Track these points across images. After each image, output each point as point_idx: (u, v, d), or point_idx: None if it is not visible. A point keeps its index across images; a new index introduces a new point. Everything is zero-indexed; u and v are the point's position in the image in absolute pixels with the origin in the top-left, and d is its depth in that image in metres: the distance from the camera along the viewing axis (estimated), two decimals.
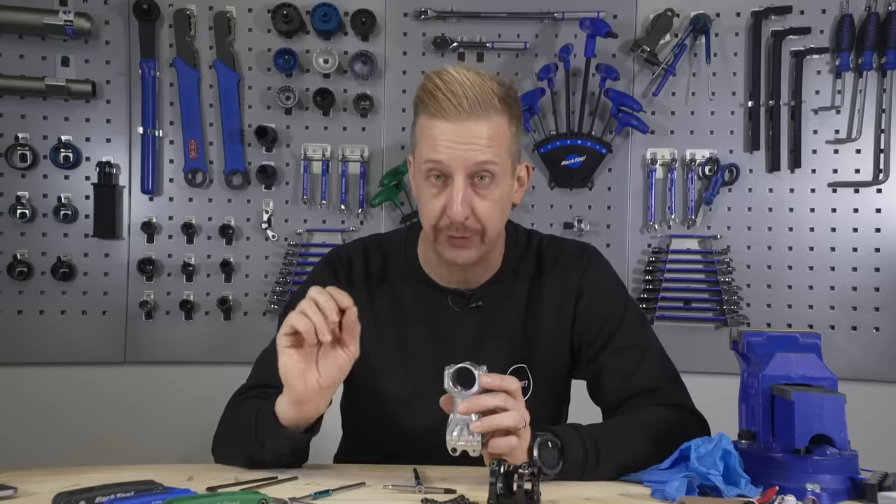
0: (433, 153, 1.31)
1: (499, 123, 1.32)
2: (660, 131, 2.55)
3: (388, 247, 1.53)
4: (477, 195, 1.33)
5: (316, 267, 1.57)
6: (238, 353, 2.47)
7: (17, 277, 2.50)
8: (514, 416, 1.15)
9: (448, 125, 1.29)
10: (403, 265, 1.50)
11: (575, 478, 1.23)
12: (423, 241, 1.49)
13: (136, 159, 2.55)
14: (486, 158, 1.30)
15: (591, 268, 1.52)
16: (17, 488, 1.12)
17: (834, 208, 2.51)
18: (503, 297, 1.49)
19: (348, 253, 1.53)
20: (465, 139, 1.29)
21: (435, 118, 1.30)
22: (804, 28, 2.50)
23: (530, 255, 1.53)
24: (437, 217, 1.34)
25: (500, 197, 1.35)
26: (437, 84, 1.30)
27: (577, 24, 2.51)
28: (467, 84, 1.29)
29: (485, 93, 1.30)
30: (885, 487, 1.10)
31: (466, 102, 1.28)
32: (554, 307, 1.49)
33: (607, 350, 1.46)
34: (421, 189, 1.37)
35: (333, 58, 2.54)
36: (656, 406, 1.38)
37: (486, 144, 1.30)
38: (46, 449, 2.44)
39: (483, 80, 1.31)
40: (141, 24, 2.53)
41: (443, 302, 1.47)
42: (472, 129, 1.29)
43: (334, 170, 2.58)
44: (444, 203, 1.32)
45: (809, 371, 1.19)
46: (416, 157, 1.37)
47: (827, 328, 2.47)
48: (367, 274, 1.50)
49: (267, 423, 1.25)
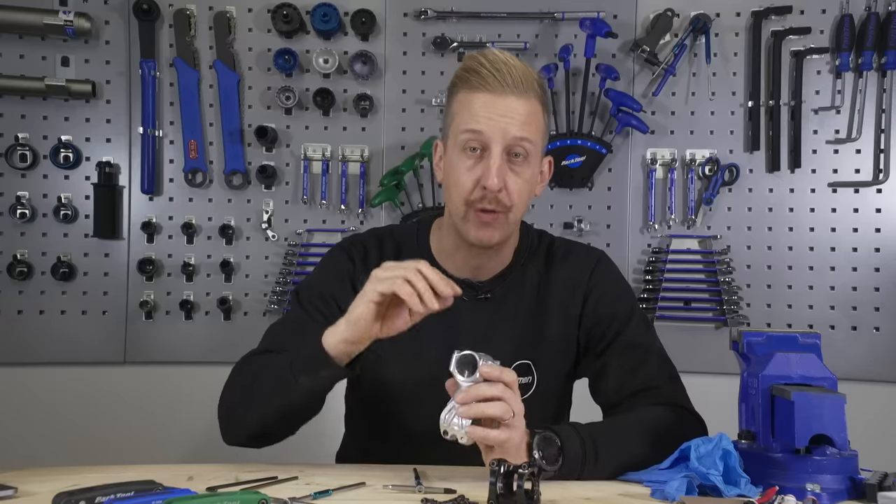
0: (473, 123, 1.34)
1: (536, 107, 1.37)
2: (660, 131, 2.55)
3: (400, 237, 1.55)
4: (511, 171, 1.36)
5: (331, 252, 1.57)
6: (238, 353, 2.44)
7: (17, 277, 2.50)
8: (501, 406, 1.16)
9: (491, 97, 1.33)
10: (415, 253, 1.50)
11: (574, 476, 1.23)
12: (438, 230, 1.51)
13: (136, 159, 2.55)
14: (523, 134, 1.34)
15: (600, 269, 1.54)
16: (17, 488, 1.12)
17: (834, 208, 2.51)
18: (512, 290, 1.50)
19: (363, 240, 1.55)
20: (506, 112, 1.33)
21: (477, 91, 1.34)
22: (804, 28, 2.50)
23: (541, 252, 1.54)
24: (470, 189, 1.36)
25: (530, 178, 1.39)
26: (481, 62, 1.35)
27: (577, 24, 2.51)
28: (511, 63, 1.35)
29: (528, 75, 1.36)
30: (885, 487, 1.10)
31: (510, 79, 1.33)
32: (561, 306, 1.50)
33: (612, 348, 1.47)
34: (455, 163, 1.38)
35: (333, 58, 2.54)
36: (654, 405, 1.39)
37: (524, 121, 1.34)
38: (46, 449, 2.44)
39: (525, 66, 1.37)
40: (141, 24, 2.53)
41: None
42: (512, 105, 1.34)
43: (334, 170, 2.58)
44: (478, 175, 1.35)
45: (809, 371, 1.19)
46: (453, 132, 1.39)
47: (827, 328, 2.47)
48: (381, 261, 1.50)
49: (309, 356, 1.26)
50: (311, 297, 1.48)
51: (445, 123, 1.43)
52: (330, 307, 1.44)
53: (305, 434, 1.40)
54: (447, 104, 1.42)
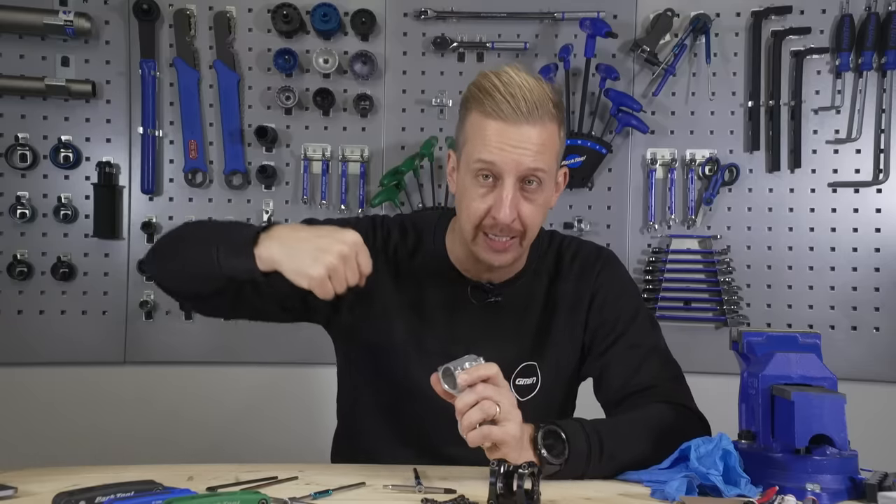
0: (485, 153, 1.31)
1: (551, 130, 1.33)
2: (660, 131, 2.55)
3: (422, 230, 1.54)
4: (524, 199, 1.34)
5: (362, 219, 1.56)
6: (238, 354, 2.48)
7: (17, 277, 2.49)
8: (482, 406, 1.15)
9: (504, 126, 1.29)
10: (432, 250, 1.51)
11: (579, 471, 1.23)
12: (453, 231, 1.50)
13: (136, 159, 2.55)
14: (537, 165, 1.31)
15: (607, 269, 1.54)
16: (17, 488, 1.12)
17: (834, 208, 2.51)
18: (521, 295, 1.50)
19: (389, 225, 1.54)
20: (520, 143, 1.30)
21: (490, 118, 1.30)
22: (804, 28, 2.50)
23: (550, 254, 1.54)
24: (480, 217, 1.35)
25: (544, 202, 1.37)
26: (495, 84, 1.30)
27: (577, 24, 2.51)
28: (526, 87, 1.29)
29: (542, 98, 1.30)
30: (885, 487, 1.10)
31: (525, 105, 1.28)
32: (568, 307, 1.50)
33: (616, 347, 1.47)
34: (467, 187, 1.36)
35: (333, 58, 2.54)
36: (657, 403, 1.38)
37: (538, 150, 1.30)
38: (46, 449, 2.44)
39: (540, 86, 1.31)
40: (141, 24, 2.53)
41: (462, 293, 1.48)
42: (526, 134, 1.29)
43: (334, 170, 2.58)
44: (490, 204, 1.33)
45: (809, 371, 1.19)
46: (465, 155, 1.36)
47: (827, 328, 2.47)
48: (400, 249, 1.51)
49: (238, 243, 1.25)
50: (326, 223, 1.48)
51: (458, 139, 1.40)
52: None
53: (305, 434, 1.40)
54: (461, 118, 1.39)
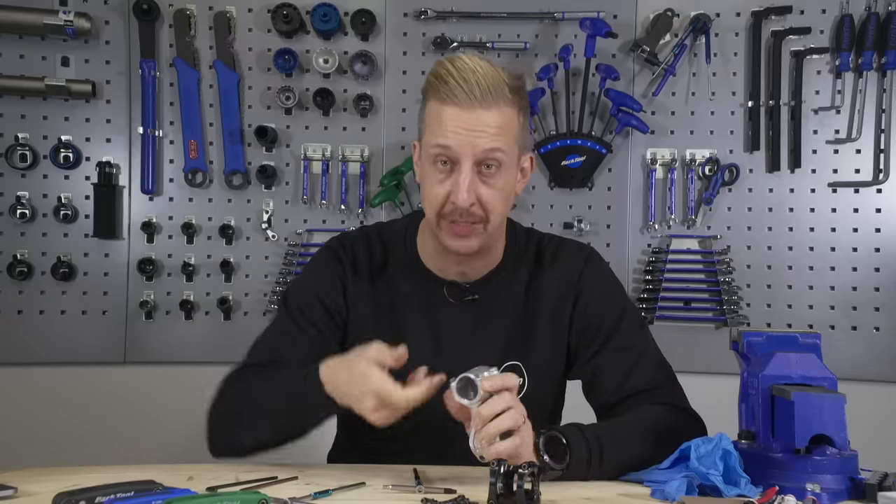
0: (441, 138, 1.31)
1: (508, 114, 1.33)
2: (660, 131, 2.55)
3: (389, 236, 1.53)
4: (483, 183, 1.33)
5: (319, 253, 1.55)
6: (238, 354, 2.44)
7: (17, 277, 2.49)
8: (512, 415, 1.16)
9: (458, 111, 1.30)
10: (403, 255, 1.50)
11: (579, 476, 1.23)
12: (423, 232, 1.49)
13: (136, 159, 2.55)
14: (493, 146, 1.31)
15: (590, 269, 1.52)
16: (17, 488, 1.12)
17: (834, 208, 2.51)
18: (500, 291, 1.49)
19: (351, 241, 1.53)
20: (475, 126, 1.30)
21: (445, 104, 1.31)
22: (804, 28, 2.49)
23: (529, 251, 1.53)
24: (441, 203, 1.35)
25: (504, 186, 1.36)
26: (449, 70, 1.30)
27: (577, 24, 2.51)
28: (480, 72, 1.30)
29: (496, 82, 1.31)
30: (885, 487, 1.10)
31: (478, 90, 1.29)
32: (551, 306, 1.49)
33: (605, 351, 1.46)
34: (426, 174, 1.37)
35: (333, 58, 2.54)
36: (654, 405, 1.38)
37: (494, 133, 1.31)
38: (46, 449, 2.44)
39: (495, 70, 1.32)
40: (141, 24, 2.53)
41: (439, 293, 1.47)
42: (481, 117, 1.30)
43: (334, 170, 2.58)
44: (449, 189, 1.33)
45: (809, 371, 1.19)
46: (424, 142, 1.37)
47: (827, 328, 2.47)
48: (370, 264, 1.50)
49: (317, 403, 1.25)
50: (300, 302, 1.47)
51: (419, 127, 1.41)
52: (317, 311, 1.45)
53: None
54: (421, 107, 1.40)
